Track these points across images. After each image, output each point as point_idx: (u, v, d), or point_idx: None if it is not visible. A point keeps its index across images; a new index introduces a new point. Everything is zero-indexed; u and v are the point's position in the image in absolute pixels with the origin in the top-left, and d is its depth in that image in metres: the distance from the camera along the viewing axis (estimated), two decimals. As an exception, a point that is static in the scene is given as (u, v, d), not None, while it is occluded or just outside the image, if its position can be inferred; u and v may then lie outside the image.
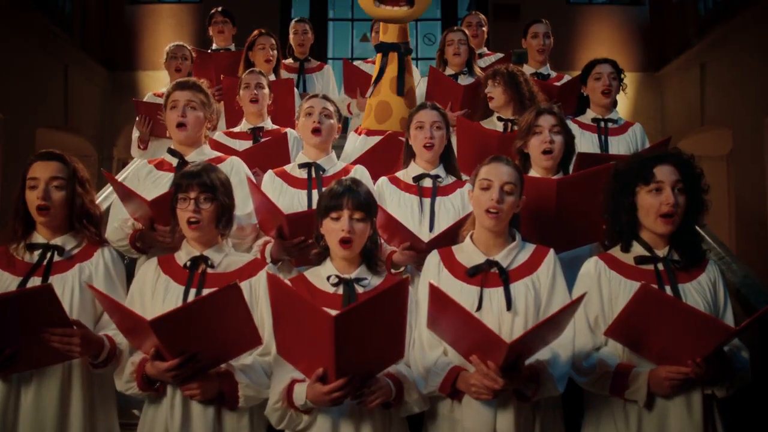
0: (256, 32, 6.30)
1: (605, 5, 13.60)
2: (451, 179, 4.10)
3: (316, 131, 4.11)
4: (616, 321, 2.88)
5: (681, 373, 2.82)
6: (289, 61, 6.92)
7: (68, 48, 11.70)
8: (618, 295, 3.06)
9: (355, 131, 5.55)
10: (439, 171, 4.08)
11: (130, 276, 3.45)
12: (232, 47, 7.09)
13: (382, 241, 3.65)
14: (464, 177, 4.12)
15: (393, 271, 3.68)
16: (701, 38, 11.74)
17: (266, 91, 5.37)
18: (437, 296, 2.69)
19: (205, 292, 3.07)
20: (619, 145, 5.02)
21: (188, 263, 3.19)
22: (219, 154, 4.14)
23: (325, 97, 4.24)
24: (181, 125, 3.97)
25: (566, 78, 6.20)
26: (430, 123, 4.03)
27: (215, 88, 6.06)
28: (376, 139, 5.05)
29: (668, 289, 3.01)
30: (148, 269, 3.24)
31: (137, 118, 5.85)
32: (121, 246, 3.80)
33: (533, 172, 3.98)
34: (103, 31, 13.05)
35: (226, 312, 2.71)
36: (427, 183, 4.03)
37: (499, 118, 5.09)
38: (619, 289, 3.07)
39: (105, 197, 5.82)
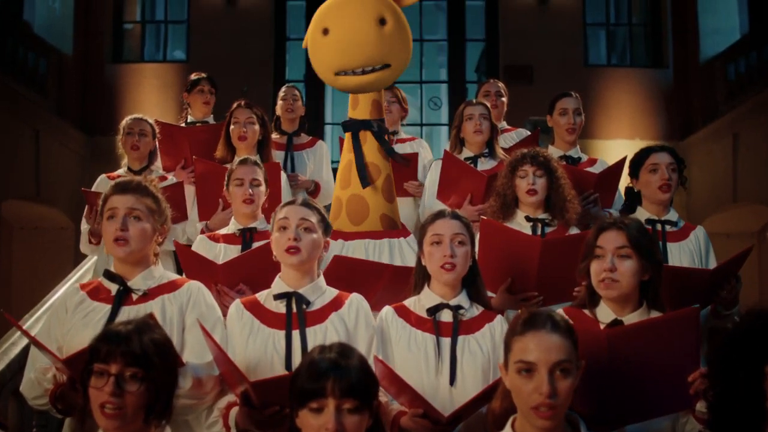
0: (234, 104, 5.37)
1: (626, 68, 13.23)
2: (476, 310, 3.26)
3: (292, 251, 3.16)
4: None
5: None
6: (275, 135, 5.92)
7: (40, 112, 11.15)
8: None
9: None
10: (461, 299, 3.23)
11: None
12: (210, 119, 6.19)
13: (387, 396, 2.89)
14: (491, 294, 3.35)
15: None
16: (732, 105, 11.24)
17: (263, 188, 4.44)
18: None
19: None
20: (680, 255, 4.17)
21: None
22: (174, 276, 3.28)
23: (306, 204, 3.30)
24: (120, 241, 3.06)
25: (600, 163, 5.29)
26: (450, 237, 3.18)
27: (189, 170, 5.44)
28: (360, 243, 4.21)
29: None
30: None
31: (86, 209, 5.05)
32: (39, 404, 3.02)
33: (603, 306, 3.07)
34: (82, 92, 12.56)
35: None
36: (446, 316, 3.20)
37: (528, 218, 4.20)
38: None
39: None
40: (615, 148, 11.97)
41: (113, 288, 3.13)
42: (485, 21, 13.19)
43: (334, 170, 6.06)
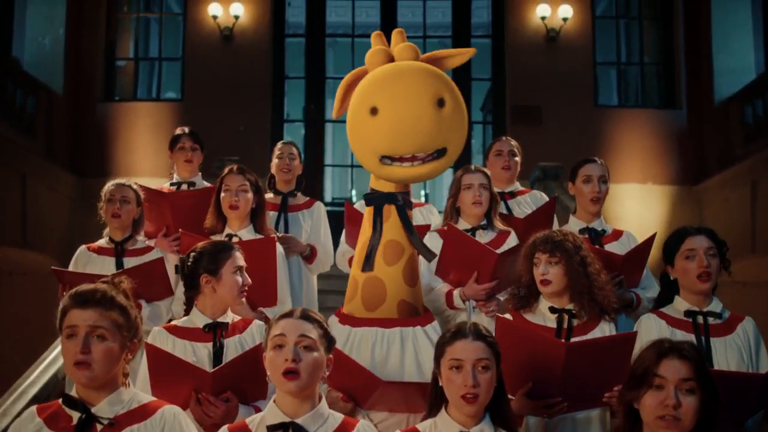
0: (226, 170, 4.93)
1: (637, 109, 12.95)
2: None
3: (290, 374, 2.74)
4: None
5: None
6: (270, 195, 5.48)
7: (27, 155, 10.85)
8: None
9: (336, 315, 4.01)
10: (485, 427, 2.88)
11: None
12: (198, 179, 5.72)
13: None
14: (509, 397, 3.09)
15: None
16: (750, 150, 10.93)
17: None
18: None
19: None
20: (727, 352, 3.71)
21: None
22: (146, 398, 2.84)
23: (306, 316, 2.86)
24: (81, 364, 2.64)
25: (626, 235, 4.87)
26: (472, 363, 2.84)
27: (171, 238, 5.10)
28: (369, 332, 3.71)
29: None
30: None
31: (59, 288, 4.59)
32: None
33: None
34: (72, 132, 12.33)
35: None
36: None
37: (552, 309, 3.76)
38: None
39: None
40: (626, 192, 11.79)
41: (74, 416, 2.72)
42: (492, 59, 12.95)
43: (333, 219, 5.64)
